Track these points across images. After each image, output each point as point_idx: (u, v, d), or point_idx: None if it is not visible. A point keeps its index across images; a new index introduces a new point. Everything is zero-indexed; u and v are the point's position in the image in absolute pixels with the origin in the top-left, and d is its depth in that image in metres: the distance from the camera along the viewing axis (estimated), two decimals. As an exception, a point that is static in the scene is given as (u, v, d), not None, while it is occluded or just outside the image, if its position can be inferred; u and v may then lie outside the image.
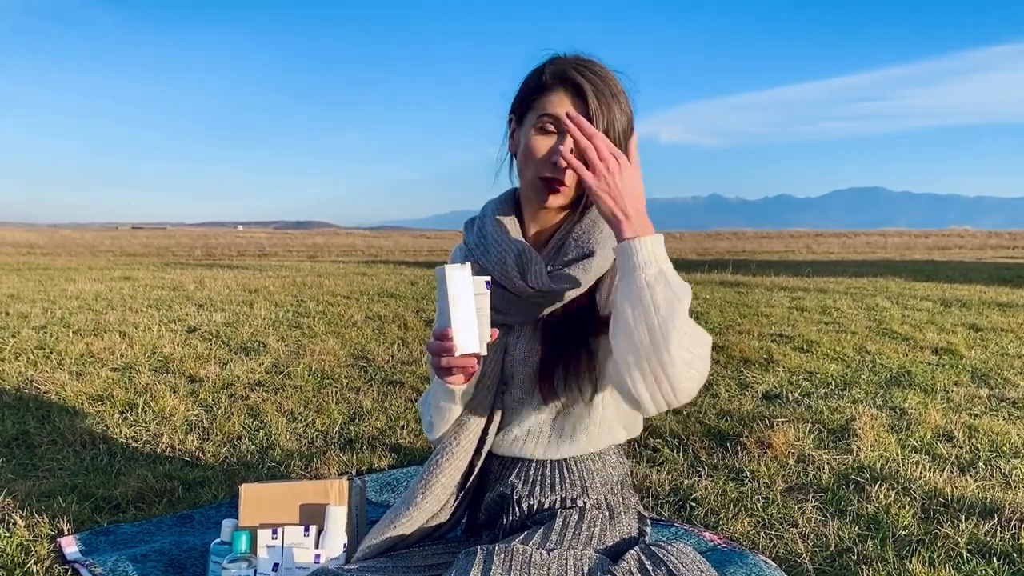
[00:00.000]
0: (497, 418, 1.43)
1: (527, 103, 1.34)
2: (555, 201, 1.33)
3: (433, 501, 1.39)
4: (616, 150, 1.19)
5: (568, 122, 1.19)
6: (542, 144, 1.30)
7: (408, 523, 1.39)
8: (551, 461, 1.43)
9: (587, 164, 1.18)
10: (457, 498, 1.44)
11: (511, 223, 1.40)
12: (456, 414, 1.41)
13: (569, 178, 1.30)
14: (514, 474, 1.43)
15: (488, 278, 1.25)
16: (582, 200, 1.38)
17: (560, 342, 1.37)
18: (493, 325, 1.24)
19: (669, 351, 1.11)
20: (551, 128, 1.29)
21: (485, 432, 1.43)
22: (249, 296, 7.94)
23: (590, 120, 1.25)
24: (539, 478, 1.42)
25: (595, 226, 1.36)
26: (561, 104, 1.28)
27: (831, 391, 3.75)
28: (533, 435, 1.42)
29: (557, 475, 1.42)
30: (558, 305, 1.37)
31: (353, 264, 16.60)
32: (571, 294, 1.35)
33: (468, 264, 1.21)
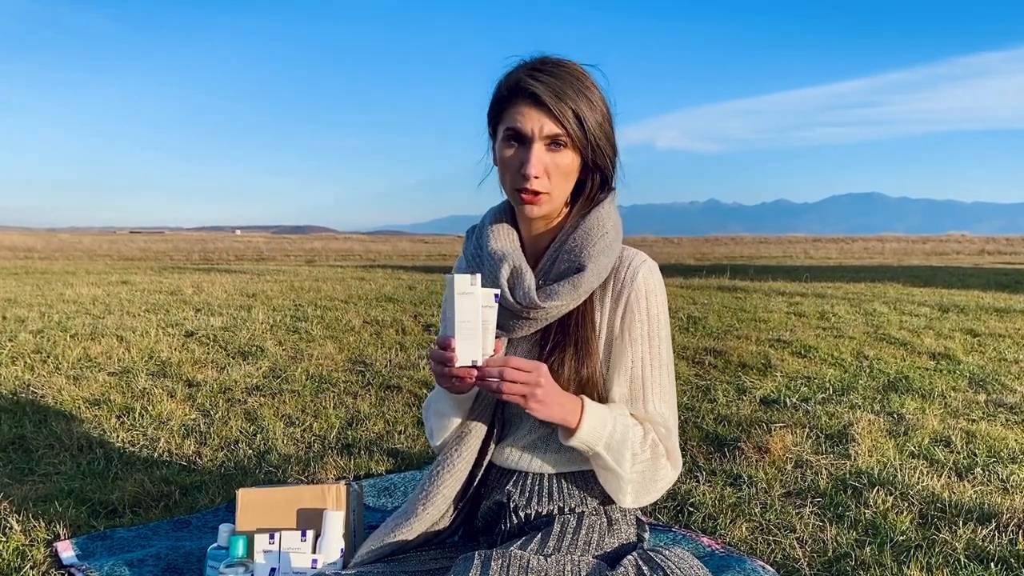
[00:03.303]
0: (497, 430, 1.42)
1: (496, 117, 1.35)
2: (535, 212, 1.32)
3: (434, 511, 1.39)
4: (527, 364, 1.21)
5: (476, 382, 1.22)
6: (511, 158, 1.31)
7: (408, 532, 1.38)
8: (549, 474, 1.42)
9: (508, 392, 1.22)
10: (456, 506, 1.43)
11: (508, 233, 1.39)
12: (456, 423, 1.40)
13: (541, 185, 1.29)
14: (511, 483, 1.43)
15: (497, 291, 1.24)
16: (575, 204, 1.38)
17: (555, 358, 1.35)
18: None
19: (619, 497, 1.34)
20: (517, 141, 1.30)
21: (486, 444, 1.42)
22: (247, 300, 7.93)
23: (554, 121, 1.26)
24: (536, 488, 1.41)
25: (588, 238, 1.33)
26: (520, 114, 1.28)
27: (829, 396, 3.75)
28: (530, 449, 1.41)
29: (555, 486, 1.41)
30: (553, 320, 1.35)
31: (351, 268, 16.59)
32: (562, 310, 1.33)
33: (479, 275, 1.21)
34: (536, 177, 1.28)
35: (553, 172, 1.29)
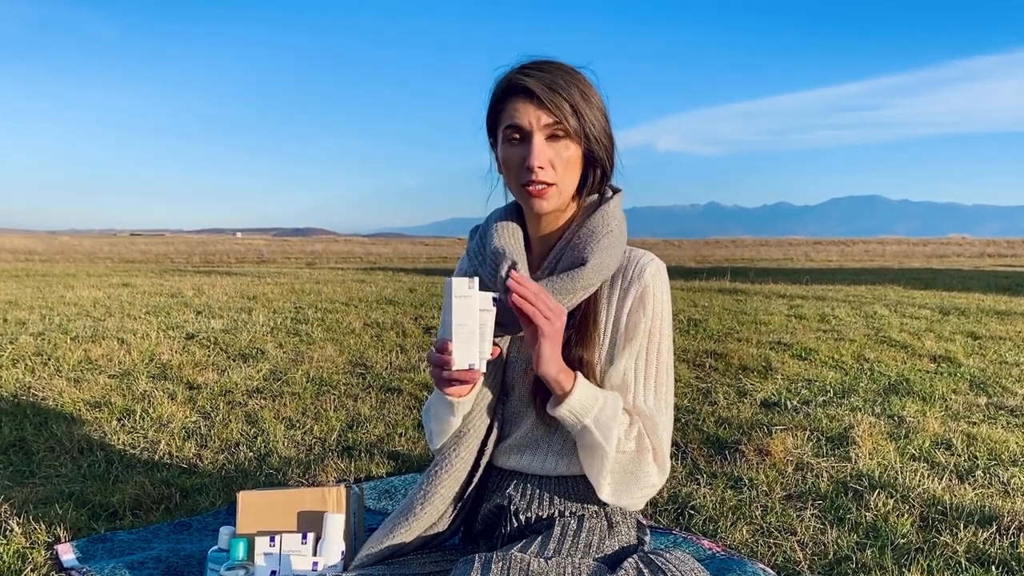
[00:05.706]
0: (496, 430, 1.42)
1: (493, 121, 1.36)
2: (544, 206, 1.32)
3: (432, 512, 1.39)
4: (556, 306, 1.24)
5: (510, 284, 1.22)
6: (513, 155, 1.31)
7: (406, 533, 1.38)
8: (549, 476, 1.42)
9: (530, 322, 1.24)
10: (455, 508, 1.43)
11: (513, 231, 1.39)
12: (456, 426, 1.40)
13: (547, 176, 1.29)
14: (511, 486, 1.43)
15: (495, 294, 1.24)
16: (581, 201, 1.38)
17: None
18: (494, 335, 1.24)
19: (599, 484, 1.33)
20: (517, 137, 1.30)
21: (484, 444, 1.42)
22: (247, 303, 7.93)
23: (548, 111, 1.27)
24: (537, 492, 1.41)
25: (592, 235, 1.33)
26: (516, 110, 1.29)
27: (829, 399, 3.75)
28: (531, 449, 1.41)
29: (555, 490, 1.41)
30: None
31: (352, 271, 16.60)
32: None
33: (476, 279, 1.20)
34: (540, 167, 1.28)
35: (557, 163, 1.29)
